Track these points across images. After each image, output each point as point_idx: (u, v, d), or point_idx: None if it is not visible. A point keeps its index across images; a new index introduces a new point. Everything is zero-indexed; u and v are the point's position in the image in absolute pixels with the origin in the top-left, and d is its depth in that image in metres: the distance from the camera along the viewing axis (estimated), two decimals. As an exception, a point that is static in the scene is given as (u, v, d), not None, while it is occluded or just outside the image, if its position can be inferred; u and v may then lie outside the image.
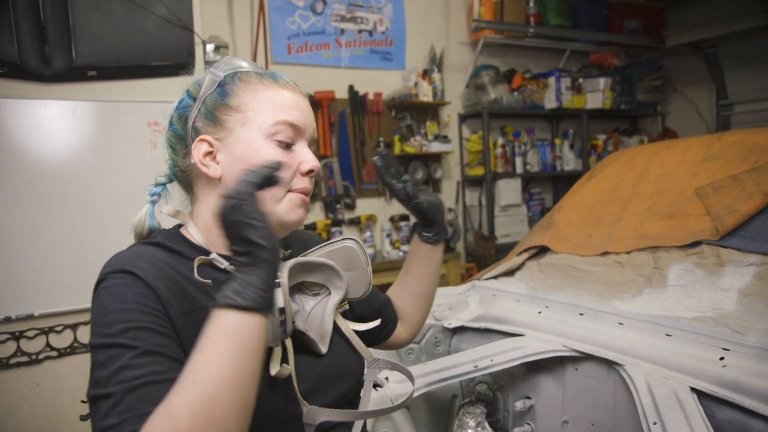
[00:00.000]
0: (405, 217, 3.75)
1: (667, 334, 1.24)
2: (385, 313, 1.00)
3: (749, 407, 0.98)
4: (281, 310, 0.66)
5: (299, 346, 0.77)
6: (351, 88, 3.66)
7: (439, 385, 1.30)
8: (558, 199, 3.22)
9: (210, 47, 2.67)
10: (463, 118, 4.16)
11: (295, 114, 0.76)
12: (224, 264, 0.73)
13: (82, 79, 2.35)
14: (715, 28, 4.33)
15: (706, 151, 1.65)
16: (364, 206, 3.76)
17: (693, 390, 1.07)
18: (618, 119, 4.96)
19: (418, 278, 1.01)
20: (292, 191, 0.76)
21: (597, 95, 4.28)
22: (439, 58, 3.92)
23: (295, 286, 0.79)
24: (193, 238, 0.76)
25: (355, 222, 3.64)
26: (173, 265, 0.70)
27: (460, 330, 1.71)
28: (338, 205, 3.62)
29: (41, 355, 2.29)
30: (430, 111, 3.95)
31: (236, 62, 0.79)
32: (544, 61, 4.49)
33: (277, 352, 0.71)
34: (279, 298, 0.66)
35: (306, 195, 0.77)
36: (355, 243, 0.84)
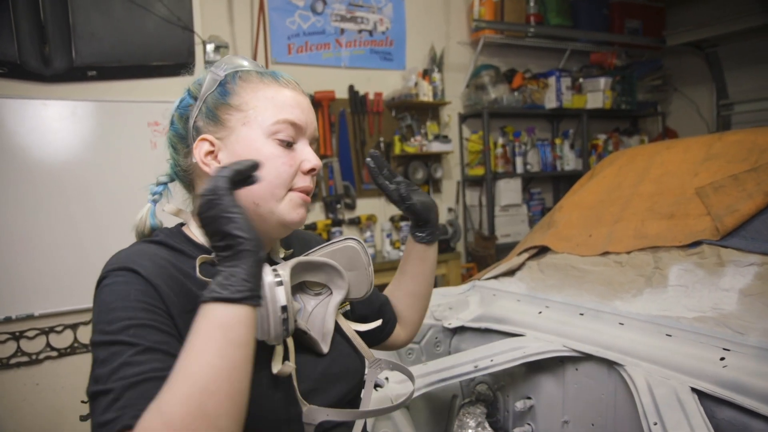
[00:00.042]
0: (405, 217, 3.74)
1: (667, 334, 1.24)
2: (384, 313, 1.00)
3: (750, 407, 0.98)
4: (283, 308, 0.66)
5: (300, 345, 0.77)
6: (351, 88, 3.66)
7: (440, 385, 1.30)
8: (558, 199, 3.22)
9: (210, 47, 2.67)
10: (463, 118, 4.16)
11: (296, 113, 0.76)
12: None
13: (82, 79, 2.35)
14: (716, 27, 4.33)
15: (706, 151, 1.65)
16: (365, 206, 3.76)
17: (693, 390, 1.07)
18: (618, 119, 4.96)
19: (414, 278, 1.01)
20: (294, 190, 0.75)
21: (597, 95, 4.28)
22: (440, 58, 3.92)
23: (297, 285, 0.79)
24: (195, 237, 0.77)
25: (355, 222, 3.64)
26: (175, 263, 0.70)
27: (461, 330, 1.71)
28: (338, 205, 3.62)
29: (41, 355, 2.29)
30: (430, 111, 3.95)
31: (237, 61, 0.79)
32: (545, 61, 4.49)
33: (279, 350, 0.71)
34: (281, 296, 0.66)
35: (307, 194, 0.77)
36: (357, 243, 0.84)
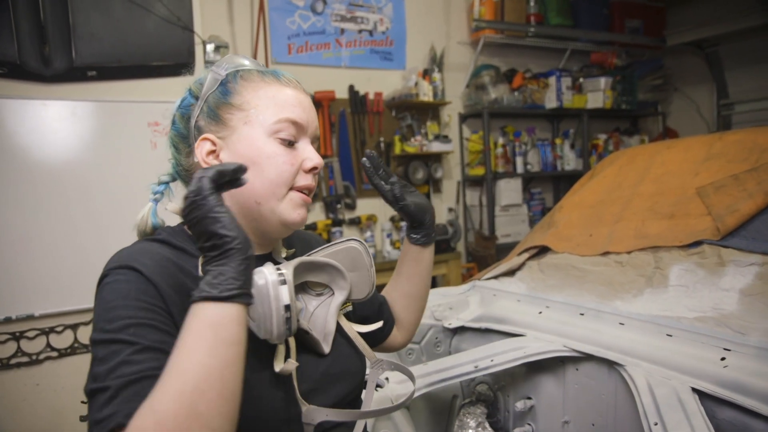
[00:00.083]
0: (405, 218, 3.75)
1: (668, 335, 1.24)
2: (384, 313, 1.00)
3: (750, 407, 0.98)
4: (287, 307, 0.66)
5: (302, 345, 0.77)
6: (351, 88, 3.66)
7: (440, 386, 1.30)
8: (558, 199, 3.22)
9: (210, 47, 2.67)
10: (463, 118, 4.16)
11: (298, 111, 0.76)
12: None
13: (82, 79, 2.35)
14: (716, 27, 4.33)
15: (707, 151, 1.64)
16: (365, 206, 3.76)
17: (694, 390, 1.07)
18: (619, 119, 4.96)
19: (409, 279, 1.01)
20: (295, 188, 0.76)
21: (598, 95, 4.28)
22: (440, 57, 3.92)
23: (299, 285, 0.79)
24: None
25: (355, 222, 3.64)
26: (177, 262, 0.70)
27: (461, 330, 1.70)
28: (339, 205, 3.62)
29: (41, 356, 2.29)
30: (430, 111, 3.95)
31: (238, 60, 0.79)
32: (545, 61, 4.49)
33: (281, 350, 0.71)
34: (285, 295, 0.66)
35: (309, 192, 0.77)
36: (360, 244, 0.84)
